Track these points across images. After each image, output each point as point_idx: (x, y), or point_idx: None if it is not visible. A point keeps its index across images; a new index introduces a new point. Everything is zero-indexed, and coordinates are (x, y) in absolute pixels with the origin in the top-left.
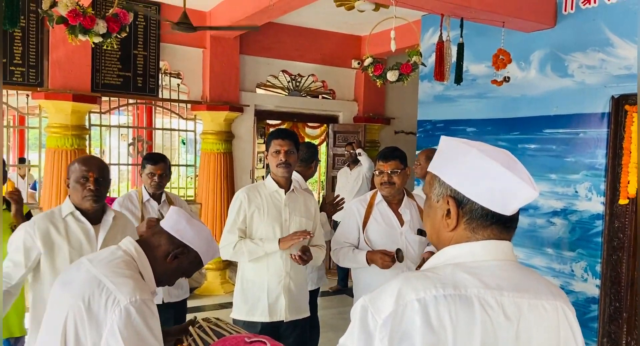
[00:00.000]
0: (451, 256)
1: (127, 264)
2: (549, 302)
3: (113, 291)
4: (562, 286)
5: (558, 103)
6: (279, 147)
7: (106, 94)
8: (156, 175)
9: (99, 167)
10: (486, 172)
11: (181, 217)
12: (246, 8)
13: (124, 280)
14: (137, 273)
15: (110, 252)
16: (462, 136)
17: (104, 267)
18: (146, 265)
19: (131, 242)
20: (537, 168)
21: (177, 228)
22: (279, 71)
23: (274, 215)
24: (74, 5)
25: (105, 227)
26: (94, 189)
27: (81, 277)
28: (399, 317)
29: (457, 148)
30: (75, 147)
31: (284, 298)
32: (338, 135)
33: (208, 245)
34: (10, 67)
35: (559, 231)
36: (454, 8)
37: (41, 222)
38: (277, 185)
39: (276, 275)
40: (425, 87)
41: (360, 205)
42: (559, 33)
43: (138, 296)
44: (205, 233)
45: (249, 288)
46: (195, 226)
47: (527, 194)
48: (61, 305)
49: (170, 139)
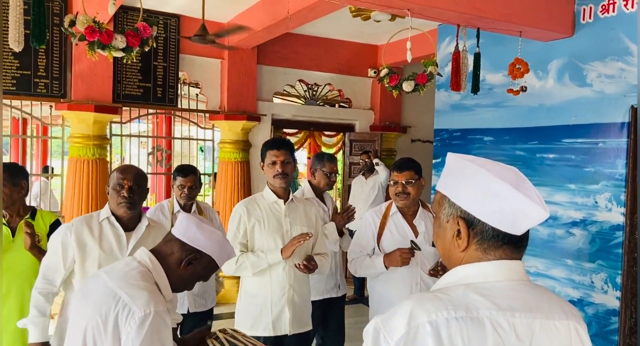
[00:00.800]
0: (463, 276)
1: (143, 275)
2: (561, 322)
3: (128, 304)
4: (581, 298)
5: (577, 113)
6: (275, 157)
7: (127, 105)
8: (186, 187)
9: (135, 175)
10: (496, 193)
11: (191, 223)
12: (264, 19)
13: (138, 292)
14: (152, 284)
15: (126, 264)
16: (480, 145)
17: (120, 280)
18: (161, 274)
19: (145, 253)
20: (556, 178)
21: (188, 234)
22: (296, 80)
23: (275, 227)
24: (89, 22)
25: (137, 235)
26: (127, 196)
27: (99, 290)
28: (411, 339)
29: (465, 168)
30: (97, 156)
31: (288, 311)
32: (354, 144)
33: (221, 248)
34: (34, 79)
35: (579, 242)
36: (469, 18)
37: (78, 224)
38: (275, 196)
39: (279, 288)
40: (442, 96)
41: (376, 216)
42: (577, 42)
43: (152, 309)
44: (217, 236)
45: (252, 303)
46: (206, 231)
47: (538, 215)
48: (81, 317)
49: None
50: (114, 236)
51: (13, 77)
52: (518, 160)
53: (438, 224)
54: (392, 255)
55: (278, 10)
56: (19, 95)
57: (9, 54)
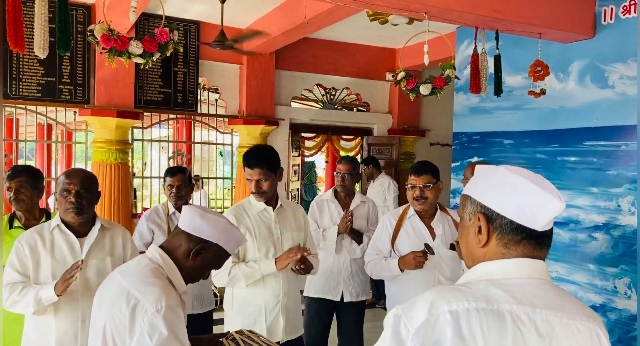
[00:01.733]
0: (484, 272)
1: (154, 271)
2: (583, 323)
3: (141, 300)
4: (604, 304)
5: (599, 115)
6: (250, 176)
7: (148, 110)
8: (174, 187)
9: (82, 179)
10: (513, 186)
11: (194, 213)
12: (281, 24)
13: (150, 288)
14: (164, 279)
15: (137, 262)
16: (499, 148)
17: (132, 278)
18: (173, 267)
19: (155, 249)
20: (578, 181)
21: (193, 225)
22: (314, 85)
23: (265, 235)
24: (104, 30)
25: (90, 239)
26: (75, 201)
27: (113, 290)
28: (431, 327)
29: (488, 171)
30: (119, 160)
31: (282, 319)
32: (372, 148)
33: (228, 235)
34: (59, 86)
35: (601, 246)
36: (488, 21)
37: (29, 235)
38: (263, 204)
39: (274, 296)
40: (461, 99)
41: (392, 218)
42: (598, 43)
43: (164, 303)
44: (222, 223)
45: (244, 311)
46: (210, 219)
47: (555, 206)
48: (99, 318)
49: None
50: (66, 243)
51: (38, 83)
52: (539, 164)
53: (462, 225)
54: (407, 258)
55: (296, 15)
56: (44, 102)
57: (34, 61)
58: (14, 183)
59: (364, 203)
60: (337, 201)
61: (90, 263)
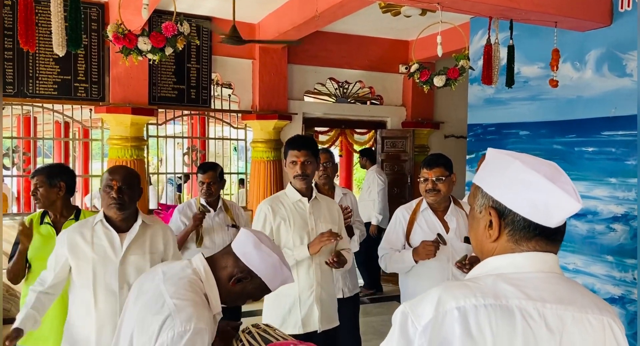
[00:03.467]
0: (493, 267)
1: (193, 285)
2: (595, 316)
3: (172, 313)
4: (623, 296)
5: (617, 104)
6: (295, 158)
7: (162, 106)
8: (205, 184)
9: (123, 175)
10: (528, 184)
11: (249, 240)
12: (293, 19)
13: (185, 303)
14: (201, 295)
15: (182, 268)
16: (515, 140)
17: (172, 285)
18: (213, 285)
19: (201, 260)
20: (596, 172)
21: (244, 251)
22: (327, 79)
23: (300, 225)
24: (114, 29)
25: (130, 236)
26: (117, 197)
27: (152, 291)
28: (439, 324)
29: (501, 161)
30: (135, 157)
31: (317, 308)
32: (386, 141)
33: (275, 273)
34: (74, 84)
35: (620, 237)
36: (502, 10)
37: (71, 230)
38: (299, 194)
39: (307, 286)
40: (475, 90)
41: (406, 212)
42: (615, 31)
43: (193, 325)
44: (272, 260)
45: (279, 301)
46: (263, 252)
47: (570, 207)
48: (130, 317)
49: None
50: (107, 238)
51: (54, 82)
52: (556, 155)
53: (472, 216)
54: (418, 248)
55: (307, 9)
56: (60, 100)
57: (50, 59)
58: (33, 182)
59: (346, 195)
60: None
61: (129, 258)
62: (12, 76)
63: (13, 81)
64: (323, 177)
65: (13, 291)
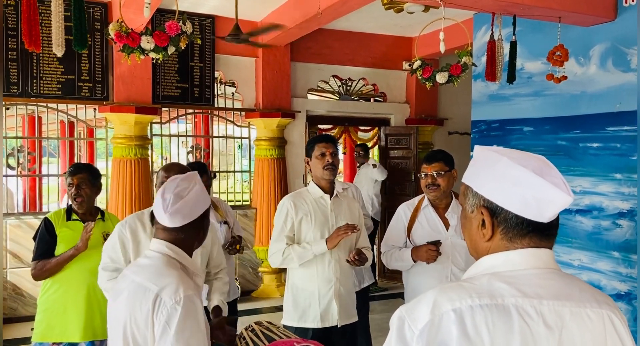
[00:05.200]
0: (488, 266)
1: (166, 263)
2: (594, 310)
3: (158, 294)
4: (629, 292)
5: (621, 99)
6: (324, 149)
7: (166, 105)
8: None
9: (176, 172)
10: (517, 180)
11: (179, 204)
12: (295, 16)
13: (167, 279)
14: (178, 269)
15: (146, 257)
16: (519, 136)
17: (146, 273)
18: (179, 251)
19: (160, 242)
20: (601, 167)
21: (185, 216)
22: (330, 76)
23: (321, 221)
24: (116, 28)
25: None
26: None
27: (129, 288)
28: (436, 327)
29: (488, 158)
30: (139, 156)
31: (335, 303)
32: (390, 138)
33: (203, 197)
34: (78, 83)
35: (626, 233)
36: (505, 5)
37: (131, 220)
38: (321, 191)
39: (326, 281)
40: (479, 87)
41: (407, 209)
42: (620, 26)
43: (181, 294)
44: (194, 195)
45: (299, 295)
46: (187, 204)
47: (561, 200)
48: (118, 318)
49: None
50: None
51: (58, 81)
52: (560, 151)
53: (464, 216)
54: (420, 250)
55: (309, 7)
56: (64, 99)
57: (54, 59)
58: (75, 180)
59: (346, 189)
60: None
61: None
62: (17, 76)
63: (17, 81)
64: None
65: (20, 290)
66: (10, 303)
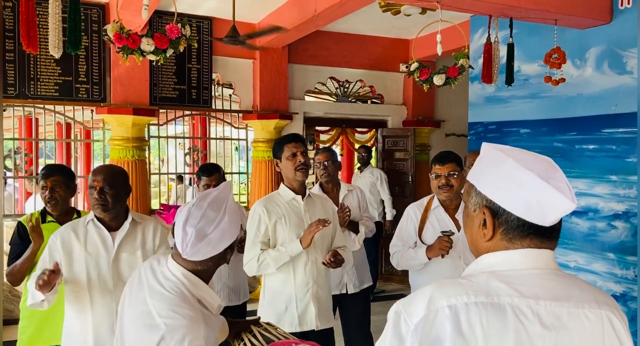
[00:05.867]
0: (487, 264)
1: (182, 298)
2: (593, 311)
3: (164, 335)
4: (624, 293)
5: (617, 102)
6: (295, 149)
7: (163, 107)
8: (211, 186)
9: (105, 175)
10: (521, 183)
11: (202, 244)
12: (293, 18)
13: (176, 322)
14: (193, 304)
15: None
16: (516, 138)
17: (159, 301)
18: (200, 285)
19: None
20: (597, 169)
21: (204, 254)
22: (327, 78)
23: (296, 223)
24: (116, 29)
25: (121, 234)
26: (98, 198)
27: (141, 304)
28: (430, 323)
29: (494, 158)
30: (136, 157)
31: (313, 306)
32: (387, 140)
33: (233, 230)
34: (75, 85)
35: (621, 235)
36: (502, 8)
37: (64, 230)
38: (293, 193)
39: (303, 284)
40: (476, 89)
41: (417, 210)
42: (615, 28)
43: (187, 343)
44: (224, 226)
45: (275, 299)
46: (214, 238)
47: (565, 206)
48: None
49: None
50: (99, 237)
51: (55, 83)
52: (556, 152)
53: (466, 214)
54: (434, 243)
55: (307, 9)
56: (61, 101)
57: (51, 61)
58: (49, 182)
59: (352, 191)
60: (325, 194)
61: (121, 256)
62: (14, 78)
63: (15, 83)
64: (324, 175)
65: (16, 292)
66: (7, 305)
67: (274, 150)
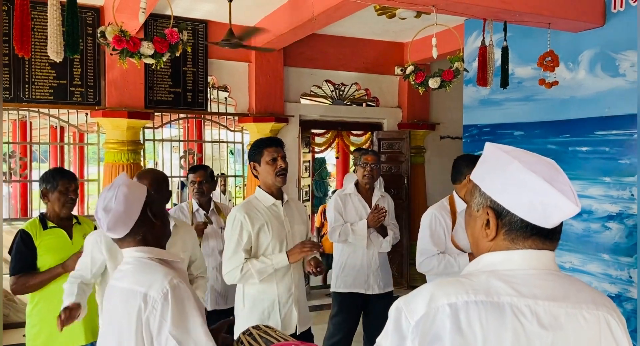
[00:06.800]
0: (488, 263)
1: (144, 265)
2: (590, 312)
3: (147, 293)
4: (619, 294)
5: (610, 104)
6: (275, 153)
7: (158, 110)
8: (196, 183)
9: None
10: (526, 185)
11: (112, 217)
12: (289, 21)
13: (150, 276)
14: (156, 265)
15: (126, 263)
16: (510, 140)
17: (130, 277)
18: (154, 250)
19: (126, 251)
20: (590, 171)
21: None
22: (323, 81)
23: (278, 229)
24: (115, 32)
25: None
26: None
27: (118, 298)
28: (431, 320)
29: (499, 159)
30: (131, 161)
31: (295, 310)
32: (383, 143)
33: (134, 189)
34: (70, 88)
35: (615, 236)
36: (496, 12)
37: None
38: (273, 198)
39: (286, 290)
40: (470, 91)
41: (444, 212)
42: (608, 31)
43: (167, 285)
44: (123, 194)
45: (258, 306)
46: (122, 195)
47: (568, 209)
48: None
49: (219, 151)
50: None
51: (50, 86)
52: (550, 154)
53: (469, 213)
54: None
55: (303, 12)
56: (56, 104)
57: (46, 64)
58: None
59: (384, 197)
60: (359, 195)
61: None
62: (9, 81)
63: (9, 86)
64: (368, 177)
65: (11, 296)
66: (3, 310)
67: (251, 153)
